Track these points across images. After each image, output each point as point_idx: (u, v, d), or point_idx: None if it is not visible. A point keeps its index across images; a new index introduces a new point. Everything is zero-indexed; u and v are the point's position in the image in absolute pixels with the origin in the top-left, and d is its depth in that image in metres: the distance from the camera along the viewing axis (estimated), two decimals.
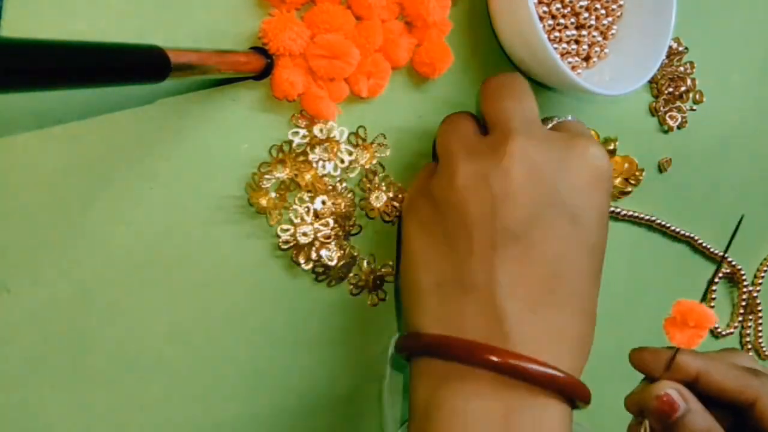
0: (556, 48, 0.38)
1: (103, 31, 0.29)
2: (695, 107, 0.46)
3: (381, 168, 0.36)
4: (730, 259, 0.49)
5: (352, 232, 0.35)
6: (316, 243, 0.34)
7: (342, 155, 0.34)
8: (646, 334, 0.47)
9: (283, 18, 0.31)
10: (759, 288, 0.51)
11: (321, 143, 0.34)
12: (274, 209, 0.33)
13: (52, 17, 0.28)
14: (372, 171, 0.35)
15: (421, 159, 0.37)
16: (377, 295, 0.37)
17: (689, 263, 0.49)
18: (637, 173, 0.44)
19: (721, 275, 0.49)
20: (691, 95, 0.46)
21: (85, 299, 0.30)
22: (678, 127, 0.45)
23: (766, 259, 0.51)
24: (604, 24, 0.39)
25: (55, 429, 0.30)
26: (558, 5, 0.37)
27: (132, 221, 0.31)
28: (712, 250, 0.48)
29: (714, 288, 0.49)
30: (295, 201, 0.34)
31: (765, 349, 0.51)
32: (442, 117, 0.35)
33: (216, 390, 0.34)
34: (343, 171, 0.35)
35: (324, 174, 0.34)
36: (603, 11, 0.39)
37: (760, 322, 0.50)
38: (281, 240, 0.33)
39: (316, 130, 0.33)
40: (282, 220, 0.33)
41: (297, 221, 0.33)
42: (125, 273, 0.31)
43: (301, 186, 0.33)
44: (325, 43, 0.32)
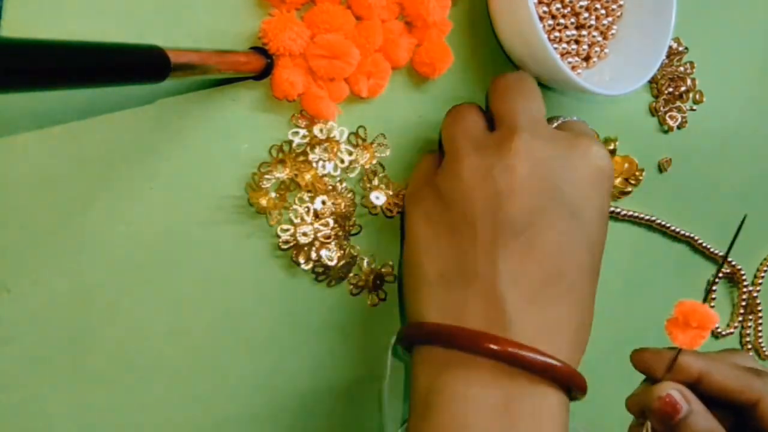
0: (556, 48, 0.38)
1: (103, 31, 0.29)
2: (695, 107, 0.46)
3: (381, 168, 0.36)
4: (729, 259, 0.49)
5: (352, 232, 0.35)
6: (316, 243, 0.34)
7: (342, 155, 0.34)
8: (646, 334, 0.47)
9: (283, 18, 0.31)
10: (759, 288, 0.51)
11: (321, 143, 0.34)
12: (274, 209, 0.33)
13: (52, 17, 0.28)
14: (372, 171, 0.35)
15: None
16: (377, 295, 0.37)
17: (689, 263, 0.49)
18: (637, 173, 0.44)
19: (721, 275, 0.49)
20: (691, 95, 0.46)
21: (85, 299, 0.30)
22: (678, 127, 0.45)
23: (766, 259, 0.51)
24: (604, 24, 0.39)
25: (55, 429, 0.30)
26: (558, 5, 0.37)
27: (132, 221, 0.31)
28: (712, 250, 0.48)
29: (714, 288, 0.49)
30: (295, 201, 0.34)
31: (765, 349, 0.51)
32: (442, 117, 0.35)
33: (216, 390, 0.34)
34: (343, 171, 0.35)
35: (324, 174, 0.34)
36: (603, 11, 0.39)
37: (760, 322, 0.50)
38: (281, 240, 0.33)
39: (316, 130, 0.33)
40: (282, 220, 0.33)
41: (297, 221, 0.33)
42: (125, 273, 0.31)
43: (301, 186, 0.33)
44: (325, 43, 0.32)
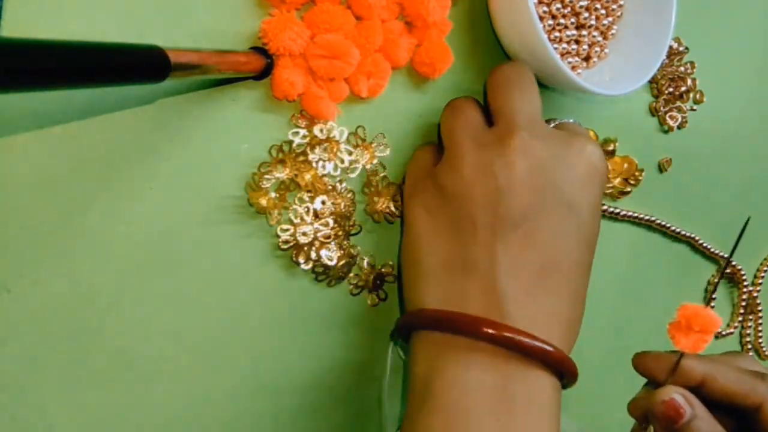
0: (556, 48, 0.38)
1: (103, 31, 0.29)
2: (695, 107, 0.46)
3: (382, 167, 0.36)
4: (731, 260, 0.49)
5: (351, 231, 0.35)
6: (316, 243, 0.34)
7: (342, 155, 0.34)
8: (646, 335, 0.47)
9: (283, 18, 0.31)
10: (759, 288, 0.51)
11: (321, 143, 0.34)
12: (274, 209, 0.33)
13: (52, 17, 0.28)
14: (373, 171, 0.35)
15: None
16: (377, 295, 0.37)
17: (689, 263, 0.48)
18: (637, 173, 0.44)
19: (717, 273, 0.49)
20: (692, 95, 0.46)
21: (85, 299, 0.30)
22: (678, 127, 0.45)
23: (766, 259, 0.51)
24: (604, 24, 0.39)
25: (55, 429, 0.30)
26: (558, 5, 0.37)
27: (132, 221, 0.31)
28: (712, 250, 0.48)
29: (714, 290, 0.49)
30: (295, 201, 0.34)
31: (765, 349, 0.51)
32: None
33: (216, 389, 0.34)
34: (344, 171, 0.35)
35: (324, 174, 0.34)
36: (603, 11, 0.39)
37: (760, 322, 0.50)
38: (281, 240, 0.33)
39: (316, 130, 0.33)
40: (282, 220, 0.33)
41: (297, 221, 0.33)
42: (125, 273, 0.31)
43: (301, 186, 0.33)
44: (325, 43, 0.32)
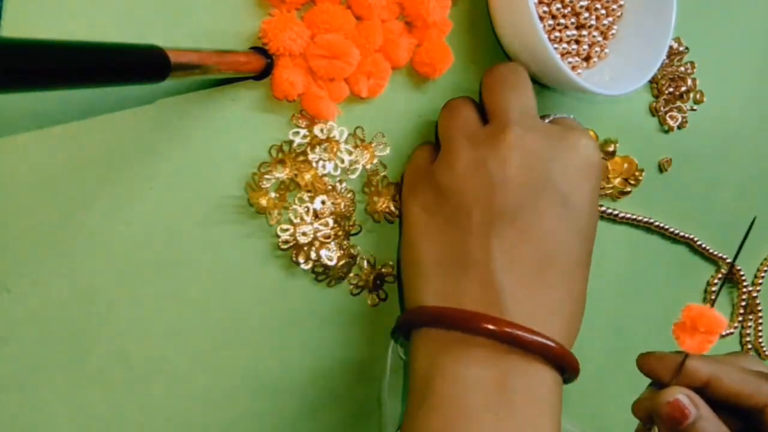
0: (556, 48, 0.38)
1: (103, 31, 0.29)
2: (695, 107, 0.46)
3: (382, 167, 0.36)
4: (729, 260, 0.49)
5: (351, 231, 0.35)
6: (315, 243, 0.34)
7: (342, 155, 0.34)
8: (645, 336, 0.47)
9: (283, 18, 0.31)
10: (759, 288, 0.51)
11: (321, 143, 0.34)
12: (273, 209, 0.33)
13: (52, 17, 0.28)
14: (373, 171, 0.35)
15: None
16: (377, 295, 0.37)
17: (688, 265, 0.48)
18: (637, 173, 0.44)
19: (721, 275, 0.49)
20: (692, 95, 0.46)
21: (85, 299, 0.30)
22: (678, 127, 0.45)
23: (766, 259, 0.51)
24: (604, 24, 0.39)
25: (55, 429, 0.30)
26: (558, 5, 0.37)
27: (132, 221, 0.31)
28: (711, 251, 0.48)
29: (714, 289, 0.49)
30: (295, 201, 0.34)
31: (765, 349, 0.51)
32: None
33: (216, 390, 0.34)
34: (344, 171, 0.35)
35: (324, 174, 0.34)
36: (603, 11, 0.39)
37: (760, 322, 0.50)
38: (281, 240, 0.33)
39: (317, 130, 0.33)
40: (282, 220, 0.33)
41: (297, 221, 0.33)
42: (125, 273, 0.31)
43: (301, 186, 0.33)
44: (325, 43, 0.32)
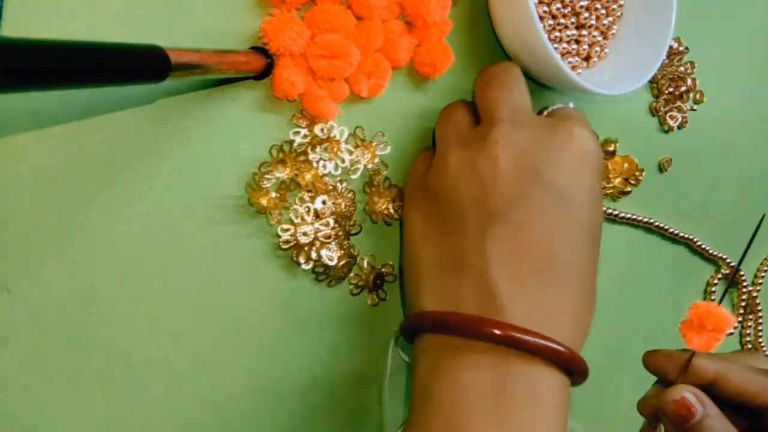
0: (556, 48, 0.38)
1: (103, 31, 0.29)
2: (695, 107, 0.46)
3: (384, 166, 0.36)
4: (729, 260, 0.49)
5: (352, 231, 0.35)
6: (316, 243, 0.34)
7: (342, 155, 0.34)
8: (646, 336, 0.47)
9: (284, 18, 0.31)
10: (759, 288, 0.51)
11: (321, 143, 0.34)
12: (274, 209, 0.33)
13: (52, 17, 0.28)
14: (375, 170, 0.35)
15: None
16: (377, 295, 0.37)
17: (689, 265, 0.48)
18: (637, 173, 0.44)
19: (721, 276, 0.49)
20: (692, 95, 0.46)
21: (85, 299, 0.30)
22: (678, 127, 0.45)
23: (766, 259, 0.51)
24: (604, 24, 0.39)
25: (55, 429, 0.30)
26: (558, 5, 0.37)
27: (132, 221, 0.31)
28: (711, 251, 0.48)
29: (713, 289, 0.49)
30: (296, 201, 0.34)
31: (765, 349, 0.51)
32: None
33: (216, 390, 0.34)
34: (345, 172, 0.35)
35: (324, 174, 0.34)
36: (603, 11, 0.39)
37: (760, 322, 0.50)
38: (281, 240, 0.33)
39: (317, 129, 0.33)
40: (282, 220, 0.33)
41: (297, 221, 0.33)
42: (125, 273, 0.31)
43: (302, 186, 0.33)
44: (326, 43, 0.32)
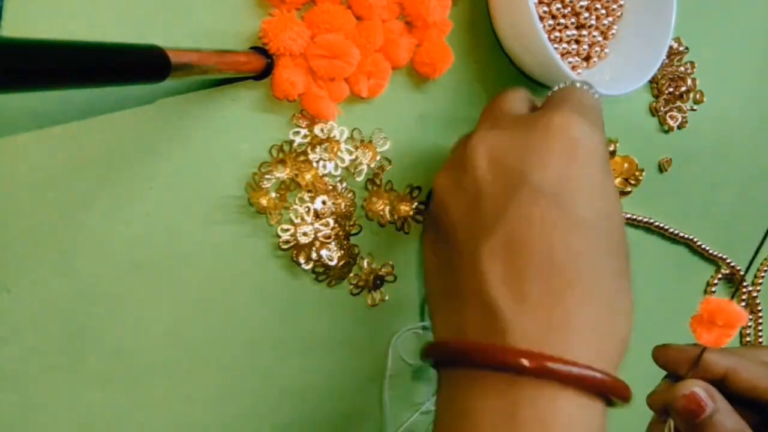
0: (556, 48, 0.38)
1: (103, 31, 0.29)
2: (695, 107, 0.46)
3: (387, 162, 0.36)
4: (729, 260, 0.49)
5: (352, 231, 0.35)
6: (316, 243, 0.34)
7: (342, 155, 0.34)
8: (646, 336, 0.47)
9: (284, 18, 0.31)
10: (759, 288, 0.51)
11: (321, 143, 0.34)
12: (274, 209, 0.33)
13: (52, 17, 0.28)
14: (379, 167, 0.35)
15: (422, 159, 0.37)
16: (377, 295, 0.37)
17: (688, 265, 0.48)
18: (637, 173, 0.44)
19: (721, 276, 0.49)
20: (692, 95, 0.46)
21: (85, 299, 0.30)
22: (678, 127, 0.45)
23: (766, 259, 0.51)
24: (604, 24, 0.39)
25: (55, 429, 0.30)
26: (558, 5, 0.37)
27: (132, 221, 0.31)
28: (711, 251, 0.48)
29: (713, 289, 0.49)
30: (296, 201, 0.34)
31: None
32: (442, 117, 0.35)
33: (216, 389, 0.34)
34: (349, 173, 0.35)
35: (324, 174, 0.34)
36: (603, 11, 0.39)
37: (760, 322, 0.50)
38: (281, 240, 0.33)
39: (317, 129, 0.33)
40: (282, 220, 0.33)
41: (297, 221, 0.33)
42: (125, 273, 0.31)
43: (302, 186, 0.33)
44: (326, 43, 0.32)
